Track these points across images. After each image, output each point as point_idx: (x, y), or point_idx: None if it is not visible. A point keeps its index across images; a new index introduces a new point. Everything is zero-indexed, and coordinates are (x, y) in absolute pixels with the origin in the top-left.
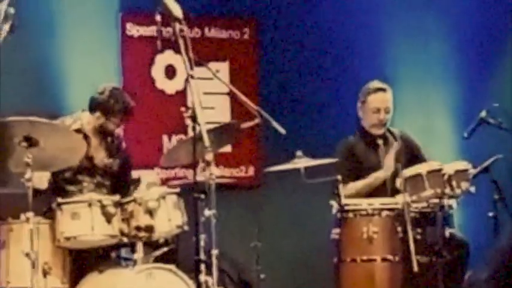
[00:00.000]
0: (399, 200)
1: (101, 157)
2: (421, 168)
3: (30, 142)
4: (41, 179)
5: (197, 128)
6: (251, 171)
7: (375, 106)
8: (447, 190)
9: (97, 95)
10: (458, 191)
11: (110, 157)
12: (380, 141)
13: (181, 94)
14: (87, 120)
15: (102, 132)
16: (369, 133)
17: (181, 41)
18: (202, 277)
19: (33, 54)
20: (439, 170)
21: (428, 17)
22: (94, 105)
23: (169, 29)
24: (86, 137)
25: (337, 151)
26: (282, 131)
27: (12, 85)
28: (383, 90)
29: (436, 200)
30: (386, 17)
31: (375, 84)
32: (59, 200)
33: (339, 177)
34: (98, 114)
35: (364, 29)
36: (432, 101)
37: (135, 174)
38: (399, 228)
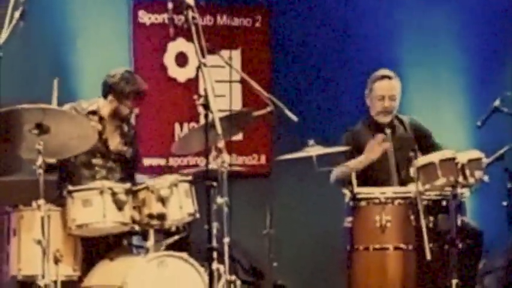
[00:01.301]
0: (412, 188)
1: (115, 143)
2: (434, 157)
3: (42, 129)
4: None
5: (209, 115)
6: (263, 159)
7: (380, 93)
8: (460, 179)
9: (109, 78)
10: (471, 180)
11: (124, 145)
12: (388, 130)
13: (193, 82)
14: (103, 104)
15: (118, 118)
16: (376, 122)
17: (193, 29)
18: (214, 265)
19: (46, 42)
20: (453, 159)
21: (439, 5)
22: (106, 89)
23: (182, 17)
24: (101, 119)
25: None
26: (294, 118)
27: (24, 74)
28: (388, 77)
29: (449, 189)
30: (397, 5)
31: (381, 72)
32: (70, 187)
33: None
34: (110, 97)
35: (375, 17)
36: (445, 90)
37: (147, 162)
38: (412, 217)
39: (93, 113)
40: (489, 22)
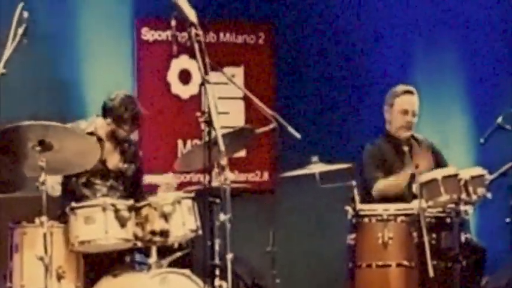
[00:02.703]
0: (415, 205)
1: (115, 161)
2: (436, 174)
3: (45, 146)
4: (54, 188)
5: (212, 132)
6: (266, 176)
7: (403, 108)
8: (463, 196)
9: (109, 101)
10: (474, 197)
11: (125, 162)
12: (405, 148)
13: (196, 99)
14: (101, 124)
15: (115, 138)
16: (394, 138)
17: (196, 46)
18: (217, 282)
19: (49, 59)
20: (455, 176)
21: (446, 21)
22: (106, 111)
23: (185, 34)
24: (99, 140)
25: (367, 152)
26: (297, 136)
27: (27, 90)
28: (410, 92)
29: (452, 206)
30: (403, 22)
31: (402, 87)
32: (73, 204)
33: (354, 182)
34: (108, 120)
35: (381, 34)
36: (448, 107)
37: (149, 179)
38: (414, 234)
39: (91, 134)
40: (494, 40)
